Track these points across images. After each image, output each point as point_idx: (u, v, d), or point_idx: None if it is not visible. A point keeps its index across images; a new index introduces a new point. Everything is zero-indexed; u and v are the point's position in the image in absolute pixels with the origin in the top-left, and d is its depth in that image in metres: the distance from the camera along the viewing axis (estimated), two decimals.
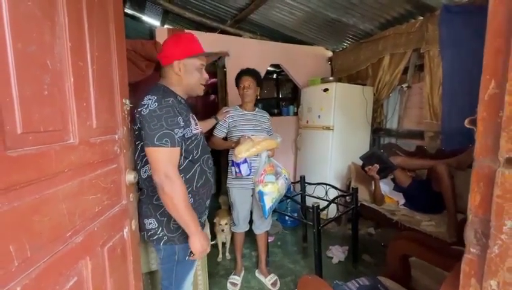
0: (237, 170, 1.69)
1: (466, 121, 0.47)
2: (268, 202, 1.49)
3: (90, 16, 0.80)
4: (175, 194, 0.93)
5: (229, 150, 1.88)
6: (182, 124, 0.98)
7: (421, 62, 2.58)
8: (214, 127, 1.86)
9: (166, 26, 4.02)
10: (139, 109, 0.97)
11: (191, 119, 1.05)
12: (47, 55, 0.62)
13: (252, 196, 1.88)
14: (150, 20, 4.38)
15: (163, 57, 1.08)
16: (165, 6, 3.06)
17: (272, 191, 1.49)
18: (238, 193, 1.85)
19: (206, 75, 1.13)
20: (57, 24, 0.66)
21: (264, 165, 1.55)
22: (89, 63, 0.79)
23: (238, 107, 1.92)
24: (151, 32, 4.15)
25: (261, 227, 1.96)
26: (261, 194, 1.49)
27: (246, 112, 1.88)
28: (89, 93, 0.79)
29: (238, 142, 1.62)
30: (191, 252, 1.00)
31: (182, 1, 3.13)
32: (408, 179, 2.36)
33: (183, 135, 1.01)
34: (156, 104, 0.95)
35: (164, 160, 0.94)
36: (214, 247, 2.31)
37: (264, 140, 1.58)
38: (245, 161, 1.64)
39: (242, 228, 1.95)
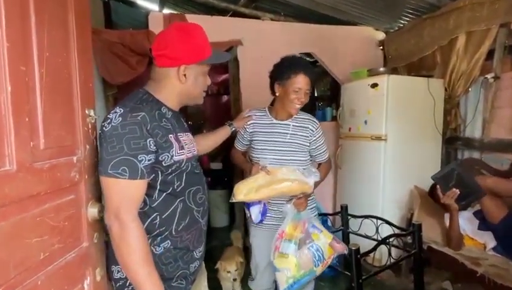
0: (248, 213, 1.59)
1: None
2: (283, 283, 1.35)
3: (39, 5, 0.83)
4: (123, 243, 0.92)
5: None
6: (153, 148, 0.97)
7: None
8: (232, 137, 1.71)
9: (165, 10, 4.19)
10: (102, 124, 0.98)
11: (173, 141, 1.04)
12: None
13: None
14: (147, 4, 4.61)
15: (163, 56, 1.05)
16: None
17: (286, 267, 1.32)
18: (261, 235, 1.63)
19: (209, 80, 1.17)
20: None
21: (286, 224, 1.39)
22: (35, 67, 0.82)
23: (267, 111, 1.69)
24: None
25: None
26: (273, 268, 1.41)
27: (276, 121, 1.63)
28: (34, 104, 0.81)
29: (251, 170, 1.49)
30: None
31: None
32: (502, 211, 2.13)
33: (159, 160, 1.00)
34: (120, 118, 0.94)
35: (117, 195, 0.93)
36: None
37: (289, 180, 1.31)
38: (256, 203, 1.50)
39: (262, 285, 1.68)
